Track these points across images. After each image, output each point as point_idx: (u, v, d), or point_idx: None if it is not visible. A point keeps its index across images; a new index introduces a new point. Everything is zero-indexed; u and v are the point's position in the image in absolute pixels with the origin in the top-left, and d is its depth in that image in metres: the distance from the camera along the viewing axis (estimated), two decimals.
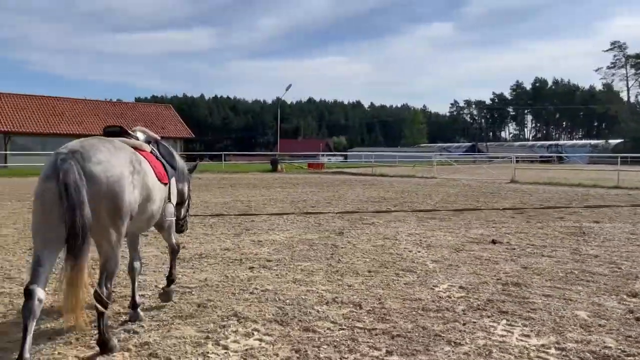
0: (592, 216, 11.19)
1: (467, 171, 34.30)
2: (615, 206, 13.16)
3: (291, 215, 11.29)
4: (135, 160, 3.75)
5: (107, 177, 3.37)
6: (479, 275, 5.99)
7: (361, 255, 7.13)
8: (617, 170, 22.01)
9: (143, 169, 3.84)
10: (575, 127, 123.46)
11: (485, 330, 4.19)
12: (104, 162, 3.40)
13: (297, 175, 28.63)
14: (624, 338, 4.01)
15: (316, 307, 4.77)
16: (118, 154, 3.61)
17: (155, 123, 47.59)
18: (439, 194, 16.78)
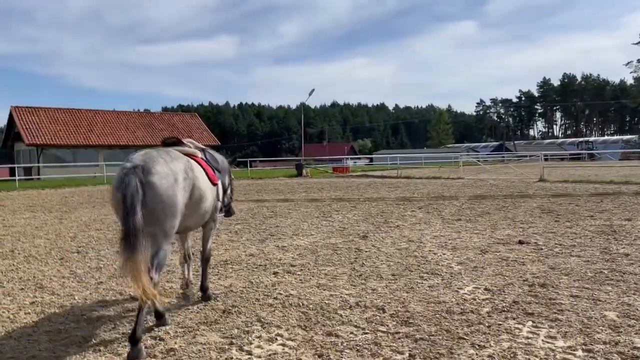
0: (624, 214, 10.91)
1: (494, 171, 33.80)
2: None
3: (315, 220, 11.33)
4: (188, 167, 4.40)
5: (162, 184, 4.02)
6: (504, 277, 5.92)
7: (385, 259, 7.11)
8: None
9: (195, 175, 4.49)
10: (606, 122, 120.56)
11: (510, 333, 4.14)
12: (160, 173, 4.04)
13: (322, 180, 28.66)
14: None
15: (339, 312, 4.79)
16: (174, 163, 4.25)
17: (182, 132, 48.35)
18: (465, 194, 16.59)
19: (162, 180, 4.02)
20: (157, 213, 3.99)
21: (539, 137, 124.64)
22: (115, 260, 7.30)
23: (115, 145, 42.92)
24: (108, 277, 6.43)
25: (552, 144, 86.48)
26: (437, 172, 32.47)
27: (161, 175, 4.04)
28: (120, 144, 43.16)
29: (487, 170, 34.59)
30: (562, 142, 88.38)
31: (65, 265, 7.17)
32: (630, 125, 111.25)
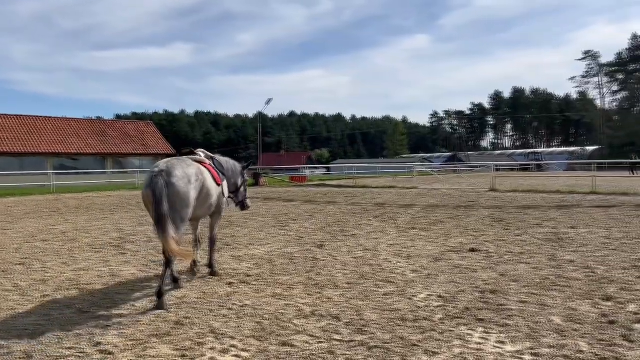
0: (569, 222, 11.36)
1: (447, 181, 34.59)
2: (591, 212, 13.37)
3: (272, 229, 11.27)
4: (199, 172, 5.99)
5: (180, 185, 5.55)
6: (457, 284, 6.04)
7: (341, 268, 7.13)
8: (593, 177, 22.40)
9: (204, 177, 6.07)
10: (553, 135, 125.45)
11: (461, 339, 4.22)
12: (179, 176, 5.59)
13: (280, 189, 28.57)
14: (597, 342, 4.07)
15: (295, 321, 4.77)
16: (188, 169, 5.81)
17: (136, 140, 47.24)
18: (420, 204, 16.89)
19: (179, 181, 5.56)
20: (176, 204, 5.51)
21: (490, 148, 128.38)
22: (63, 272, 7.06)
23: (64, 153, 41.44)
24: (54, 289, 6.18)
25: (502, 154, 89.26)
26: (393, 181, 32.95)
27: (179, 177, 5.58)
28: (71, 152, 41.73)
29: (440, 180, 35.37)
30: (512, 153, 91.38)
31: (8, 278, 6.84)
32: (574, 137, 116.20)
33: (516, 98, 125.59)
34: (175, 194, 5.47)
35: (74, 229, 11.91)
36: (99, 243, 9.71)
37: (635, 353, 3.83)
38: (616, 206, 14.57)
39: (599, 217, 12.14)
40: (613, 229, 10.25)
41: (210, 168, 6.42)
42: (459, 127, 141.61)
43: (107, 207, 18.01)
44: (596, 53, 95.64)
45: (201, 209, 6.18)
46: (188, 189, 5.64)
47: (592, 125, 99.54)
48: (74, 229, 11.78)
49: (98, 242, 9.87)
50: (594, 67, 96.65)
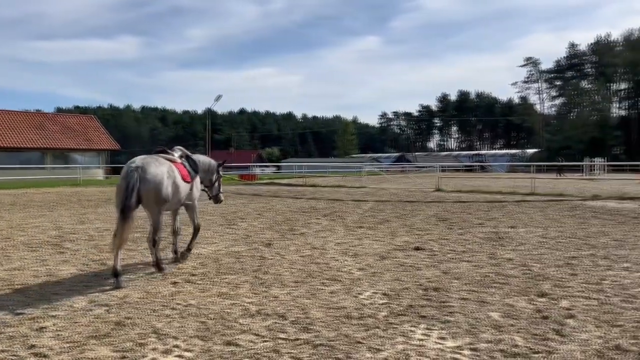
0: (509, 222, 11.82)
1: (395, 180, 35.24)
2: (530, 212, 13.96)
3: (219, 228, 11.13)
4: (170, 170, 6.62)
5: (154, 181, 6.24)
6: (401, 282, 6.16)
7: (288, 266, 7.13)
8: (533, 178, 23.38)
9: (175, 175, 6.69)
10: (496, 137, 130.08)
11: (405, 335, 4.31)
12: (152, 173, 6.27)
13: (229, 187, 28.23)
14: (532, 336, 4.26)
15: (240, 320, 4.73)
16: (161, 167, 6.48)
17: (78, 134, 45.47)
18: (368, 203, 17.12)
19: (153, 177, 6.24)
20: (150, 198, 6.25)
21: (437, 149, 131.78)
22: None
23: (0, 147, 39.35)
24: None
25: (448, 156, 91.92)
26: (342, 181, 33.24)
27: (153, 174, 6.26)
28: (7, 147, 39.67)
29: (388, 179, 35.98)
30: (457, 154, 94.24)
31: None
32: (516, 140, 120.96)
33: (462, 101, 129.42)
34: (148, 189, 6.22)
35: (9, 226, 11.33)
36: (36, 242, 9.29)
37: (566, 347, 4.02)
38: (553, 207, 15.28)
39: (536, 217, 12.68)
40: (549, 228, 10.74)
41: (180, 167, 7.01)
42: (407, 128, 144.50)
43: (45, 204, 17.24)
44: (537, 60, 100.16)
45: (171, 203, 6.86)
46: (160, 185, 6.34)
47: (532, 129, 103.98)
48: (9, 227, 11.22)
49: (35, 240, 9.44)
50: (535, 74, 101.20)
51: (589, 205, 15.54)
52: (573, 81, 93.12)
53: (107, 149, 47.34)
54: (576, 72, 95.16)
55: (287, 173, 51.24)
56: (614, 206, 15.32)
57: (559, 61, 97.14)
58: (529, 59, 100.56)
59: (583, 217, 12.70)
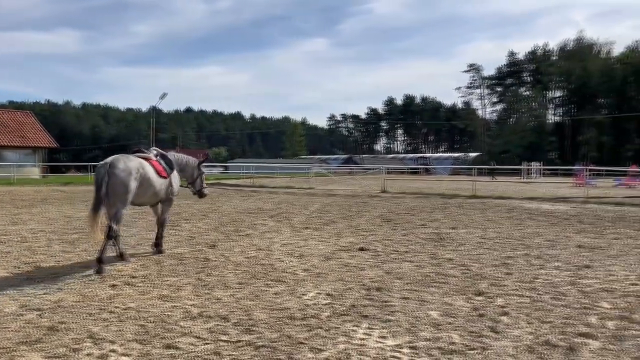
0: (451, 223, 12.18)
1: (342, 182, 35.58)
2: (470, 213, 14.44)
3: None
4: (140, 166, 7.11)
5: (121, 175, 6.78)
6: (345, 282, 6.23)
7: (233, 268, 7.06)
8: (474, 181, 24.21)
9: (145, 171, 7.18)
10: (440, 140, 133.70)
11: (346, 335, 4.36)
12: (120, 167, 6.81)
13: None
14: (468, 333, 4.41)
15: (181, 323, 4.64)
16: (130, 163, 6.98)
17: (12, 131, 43.20)
18: (315, 204, 17.20)
19: (120, 172, 6.79)
20: (116, 190, 6.78)
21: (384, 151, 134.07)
22: None
23: None
24: None
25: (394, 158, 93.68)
26: (290, 182, 33.23)
27: (120, 169, 6.81)
28: None
29: (336, 181, 36.29)
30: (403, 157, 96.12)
31: None
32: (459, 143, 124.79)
33: (407, 105, 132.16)
34: (115, 183, 6.75)
35: None
36: None
37: (500, 343, 4.19)
38: (492, 208, 15.87)
39: (476, 219, 13.13)
40: (488, 229, 11.14)
41: (155, 163, 7.54)
42: (355, 131, 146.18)
43: None
44: (479, 67, 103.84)
45: (145, 197, 7.40)
46: (128, 180, 6.82)
47: (474, 133, 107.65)
48: None
49: None
50: (477, 80, 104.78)
51: (526, 207, 16.24)
52: (512, 88, 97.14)
53: (44, 147, 45.23)
54: (515, 79, 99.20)
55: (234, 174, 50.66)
56: (548, 208, 16.09)
57: (500, 68, 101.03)
58: (472, 66, 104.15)
59: (519, 218, 13.26)
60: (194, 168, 8.71)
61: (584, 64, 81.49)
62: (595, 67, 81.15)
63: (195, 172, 8.74)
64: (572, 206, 16.77)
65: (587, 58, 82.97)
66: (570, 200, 19.11)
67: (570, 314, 4.99)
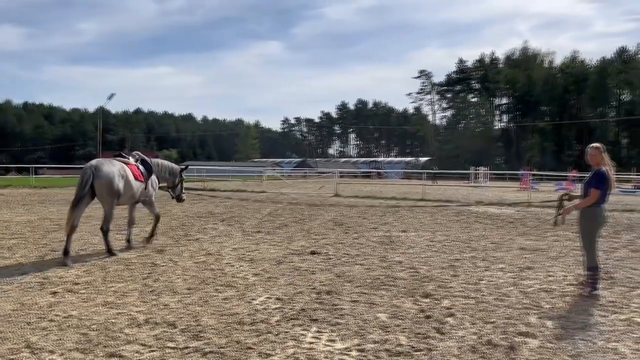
0: (401, 226, 12.39)
1: (295, 186, 35.57)
2: (420, 217, 14.74)
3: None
4: (121, 169, 7.96)
5: (106, 177, 7.59)
6: (295, 286, 6.23)
7: (181, 273, 6.93)
8: (423, 185, 24.75)
9: (126, 174, 8.03)
10: (391, 145, 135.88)
11: (296, 339, 4.36)
12: (105, 170, 7.63)
13: None
14: (415, 335, 4.50)
15: (126, 331, 4.51)
16: (112, 167, 7.82)
17: None
18: (267, 207, 17.12)
19: (105, 174, 7.62)
20: (102, 192, 7.65)
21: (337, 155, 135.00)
22: None
23: None
24: None
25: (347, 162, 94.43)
26: (243, 185, 32.95)
27: (105, 171, 7.64)
28: None
29: (289, 184, 36.24)
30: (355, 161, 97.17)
31: None
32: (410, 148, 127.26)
33: (360, 109, 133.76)
34: (100, 185, 7.61)
35: None
36: None
37: (445, 344, 4.30)
38: (441, 212, 16.26)
39: (426, 222, 13.42)
40: (437, 232, 11.41)
41: (133, 168, 8.36)
42: (309, 134, 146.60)
43: None
44: (429, 73, 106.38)
45: (124, 198, 8.14)
46: (111, 182, 7.70)
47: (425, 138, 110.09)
48: None
49: None
50: (427, 86, 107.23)
51: (473, 211, 16.73)
52: (461, 95, 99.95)
53: None
54: (464, 86, 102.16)
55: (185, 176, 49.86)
56: (494, 212, 16.63)
57: (449, 75, 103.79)
58: (423, 72, 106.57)
59: (467, 221, 13.64)
60: (176, 175, 9.58)
61: (528, 72, 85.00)
62: (539, 76, 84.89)
63: (176, 178, 9.62)
64: (517, 210, 17.41)
65: (531, 67, 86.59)
66: (515, 204, 19.82)
67: (512, 314, 5.17)
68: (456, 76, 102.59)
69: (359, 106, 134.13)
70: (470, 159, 73.72)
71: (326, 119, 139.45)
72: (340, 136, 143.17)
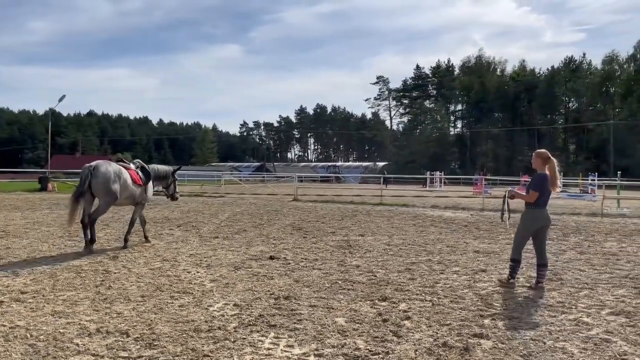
0: (359, 230, 12.48)
1: (254, 190, 35.32)
2: (378, 221, 14.89)
3: (58, 240, 10.18)
4: (118, 172, 8.84)
5: (104, 177, 8.56)
6: (254, 292, 6.17)
7: (135, 280, 6.76)
8: (381, 189, 25.03)
9: (123, 176, 8.95)
10: (350, 150, 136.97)
11: (253, 346, 4.31)
12: (102, 170, 8.59)
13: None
14: (372, 339, 4.53)
15: (76, 340, 4.36)
16: (110, 167, 8.77)
17: None
18: (225, 212, 16.92)
19: (102, 174, 8.59)
20: (98, 190, 8.63)
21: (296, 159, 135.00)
22: None
23: None
24: None
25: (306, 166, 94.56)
26: (200, 189, 32.45)
27: (102, 171, 8.60)
28: None
29: (247, 189, 35.94)
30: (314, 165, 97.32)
31: None
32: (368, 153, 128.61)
33: (319, 114, 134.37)
34: (97, 184, 8.61)
35: None
36: None
37: (401, 347, 4.34)
38: (398, 216, 16.48)
39: (383, 226, 13.57)
40: (394, 236, 11.55)
41: (132, 172, 9.34)
42: (267, 138, 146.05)
43: None
44: (386, 79, 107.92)
45: (121, 198, 9.04)
46: (108, 182, 8.68)
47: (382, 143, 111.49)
48: None
49: None
50: (385, 91, 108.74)
51: (429, 215, 17.03)
52: (418, 101, 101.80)
53: None
54: (421, 92, 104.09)
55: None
56: (450, 215, 16.99)
57: (406, 81, 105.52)
58: (380, 78, 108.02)
59: (423, 225, 13.88)
60: (169, 176, 10.49)
61: (482, 80, 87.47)
62: (492, 84, 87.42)
63: (169, 179, 10.52)
64: (471, 213, 17.84)
65: (485, 75, 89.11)
66: (469, 208, 20.30)
67: (466, 316, 5.28)
68: (413, 82, 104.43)
69: (318, 111, 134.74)
70: (425, 163, 75.09)
71: (285, 123, 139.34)
72: (299, 140, 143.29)
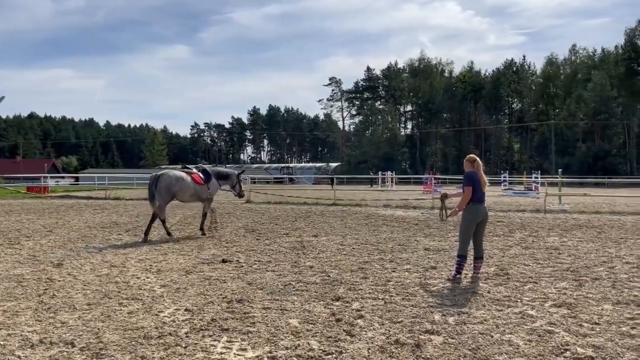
0: (312, 231, 12.51)
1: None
2: (331, 221, 14.98)
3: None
4: (180, 177, 11.36)
5: (166, 181, 11.20)
6: (206, 296, 6.08)
7: (82, 288, 6.52)
8: (334, 190, 25.18)
9: (186, 180, 11.39)
10: (303, 151, 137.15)
11: (205, 351, 4.25)
12: (165, 176, 11.34)
13: (12, 201, 24.81)
14: (326, 339, 4.55)
15: (17, 353, 4.17)
16: (173, 174, 11.41)
17: None
18: (176, 216, 16.58)
19: (164, 180, 11.13)
20: (161, 193, 11.06)
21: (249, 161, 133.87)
22: None
23: None
24: None
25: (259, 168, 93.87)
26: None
27: (164, 178, 11.17)
28: None
29: None
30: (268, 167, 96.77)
31: None
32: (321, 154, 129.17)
33: (272, 115, 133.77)
34: (160, 187, 10.99)
35: None
36: None
37: (355, 346, 4.39)
38: (351, 216, 16.62)
39: (337, 226, 13.66)
40: (347, 236, 11.65)
41: (194, 175, 11.55)
42: (219, 140, 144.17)
43: None
44: (339, 80, 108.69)
45: (184, 197, 11.53)
46: (169, 186, 11.06)
47: (335, 144, 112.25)
48: None
49: None
50: (337, 93, 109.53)
51: (381, 214, 17.27)
52: (369, 102, 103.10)
53: None
54: (372, 93, 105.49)
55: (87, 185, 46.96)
56: (401, 214, 17.28)
57: (358, 83, 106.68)
58: (332, 79, 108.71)
59: (375, 224, 14.06)
60: (234, 177, 12.46)
61: (430, 81, 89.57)
62: (439, 85, 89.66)
63: (234, 180, 12.41)
64: (421, 212, 18.21)
65: (432, 76, 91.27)
66: (419, 206, 20.72)
67: (417, 312, 5.39)
68: (364, 84, 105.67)
69: (271, 112, 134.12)
70: (377, 164, 76.13)
71: (237, 124, 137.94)
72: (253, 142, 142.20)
